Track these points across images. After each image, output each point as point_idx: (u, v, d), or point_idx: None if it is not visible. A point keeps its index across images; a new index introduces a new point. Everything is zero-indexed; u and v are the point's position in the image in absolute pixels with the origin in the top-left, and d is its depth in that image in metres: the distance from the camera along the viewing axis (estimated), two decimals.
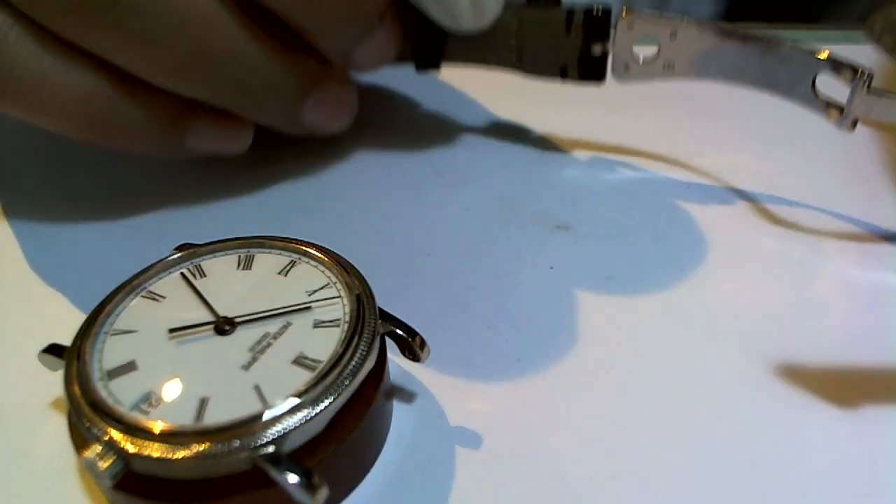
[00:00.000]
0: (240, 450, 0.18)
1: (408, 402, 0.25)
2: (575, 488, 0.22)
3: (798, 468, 0.22)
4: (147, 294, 0.24)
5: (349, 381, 0.21)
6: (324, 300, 0.23)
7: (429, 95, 0.45)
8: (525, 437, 0.24)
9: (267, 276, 0.25)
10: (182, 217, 0.35)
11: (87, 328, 0.22)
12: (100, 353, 0.21)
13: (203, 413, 0.19)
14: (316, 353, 0.21)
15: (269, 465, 0.18)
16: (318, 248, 0.25)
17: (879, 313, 0.29)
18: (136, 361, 0.21)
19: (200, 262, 0.25)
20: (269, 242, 0.26)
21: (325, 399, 0.20)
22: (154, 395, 0.20)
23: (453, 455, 0.23)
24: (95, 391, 0.20)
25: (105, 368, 0.21)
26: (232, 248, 0.26)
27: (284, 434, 0.19)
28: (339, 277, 0.24)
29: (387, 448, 0.23)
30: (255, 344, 0.22)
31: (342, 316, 0.23)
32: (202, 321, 0.23)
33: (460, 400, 0.25)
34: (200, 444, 0.18)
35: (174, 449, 0.18)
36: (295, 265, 0.25)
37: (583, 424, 0.24)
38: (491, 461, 0.23)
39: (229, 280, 0.24)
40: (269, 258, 0.25)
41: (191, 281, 0.24)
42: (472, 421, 0.24)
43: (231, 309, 0.23)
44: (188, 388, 0.20)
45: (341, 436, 0.21)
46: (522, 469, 0.23)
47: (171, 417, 0.19)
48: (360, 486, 0.22)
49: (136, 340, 0.22)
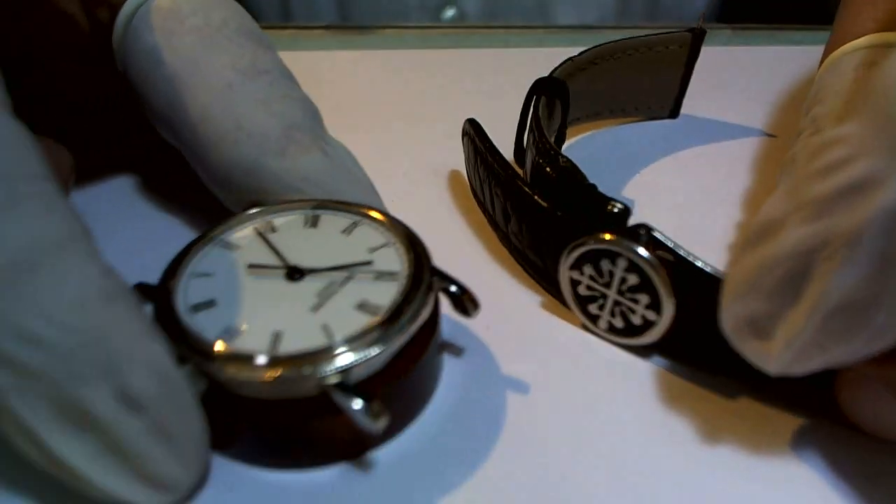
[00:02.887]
0: (310, 377, 0.21)
1: (458, 355, 0.27)
2: (621, 449, 0.24)
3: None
4: (224, 243, 0.26)
5: (406, 327, 0.23)
6: (384, 257, 0.25)
7: None
8: (569, 393, 0.26)
9: (332, 235, 0.27)
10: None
11: (172, 270, 0.25)
12: (184, 292, 0.24)
13: (277, 345, 0.22)
14: (377, 301, 0.23)
15: (336, 393, 0.21)
16: (379, 211, 0.27)
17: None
18: (215, 300, 0.23)
19: (272, 219, 0.27)
20: (333, 205, 0.28)
21: (385, 340, 0.22)
22: (232, 328, 0.22)
23: (503, 404, 0.25)
24: (182, 322, 0.22)
25: (189, 304, 0.23)
26: (300, 208, 0.28)
27: (349, 367, 0.21)
28: (398, 238, 0.26)
29: (438, 394, 0.25)
30: (322, 290, 0.24)
31: (401, 270, 0.25)
32: (275, 264, 0.25)
33: (509, 356, 0.27)
34: (276, 371, 0.21)
35: (251, 373, 0.21)
36: (357, 226, 0.27)
37: (626, 381, 0.26)
38: (536, 414, 0.25)
39: (297, 236, 0.27)
40: (334, 219, 0.28)
41: (263, 234, 0.27)
42: (521, 374, 0.26)
43: (299, 260, 0.25)
44: (263, 324, 0.22)
45: (398, 375, 0.23)
46: (561, 423, 0.24)
47: (249, 346, 0.21)
48: (413, 425, 0.24)
49: (215, 282, 0.24)
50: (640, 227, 0.25)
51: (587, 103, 0.42)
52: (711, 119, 0.45)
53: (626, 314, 0.26)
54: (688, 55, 0.42)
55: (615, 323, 0.27)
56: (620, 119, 0.45)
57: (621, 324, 0.26)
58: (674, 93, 0.45)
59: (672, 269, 0.24)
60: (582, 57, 0.39)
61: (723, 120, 0.45)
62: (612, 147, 0.42)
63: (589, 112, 0.43)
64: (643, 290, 0.25)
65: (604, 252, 0.25)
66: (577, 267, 0.27)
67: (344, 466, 0.23)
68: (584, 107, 0.42)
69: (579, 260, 0.26)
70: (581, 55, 0.39)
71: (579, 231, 0.26)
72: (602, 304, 0.27)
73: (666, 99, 0.45)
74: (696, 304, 0.24)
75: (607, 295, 0.26)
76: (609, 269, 0.25)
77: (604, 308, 0.27)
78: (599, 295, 0.27)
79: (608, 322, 0.27)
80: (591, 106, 0.43)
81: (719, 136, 0.44)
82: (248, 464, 0.23)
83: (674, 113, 0.46)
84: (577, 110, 0.39)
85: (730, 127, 0.45)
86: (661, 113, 0.46)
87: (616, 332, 0.27)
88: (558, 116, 0.38)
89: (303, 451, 0.23)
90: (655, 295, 0.25)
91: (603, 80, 0.41)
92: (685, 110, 0.45)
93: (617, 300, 0.26)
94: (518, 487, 0.22)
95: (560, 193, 0.28)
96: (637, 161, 0.41)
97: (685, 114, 0.45)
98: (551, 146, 0.30)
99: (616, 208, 0.25)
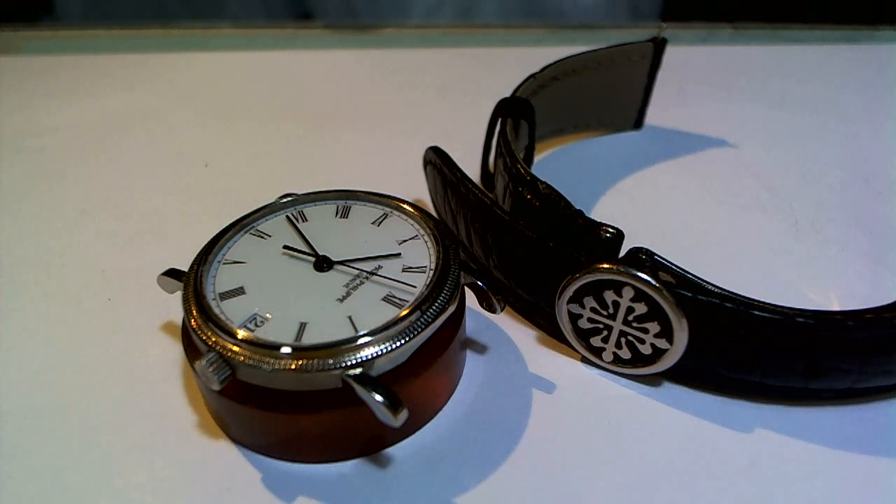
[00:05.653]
0: (332, 367, 0.21)
1: (482, 352, 0.27)
2: (645, 460, 0.23)
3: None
4: (255, 232, 0.26)
5: (432, 321, 0.22)
6: (413, 250, 0.25)
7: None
8: (590, 393, 0.25)
9: (362, 225, 0.27)
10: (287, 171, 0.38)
11: (203, 256, 0.25)
12: (214, 278, 0.24)
13: (302, 335, 0.22)
14: (403, 294, 0.23)
15: (358, 384, 0.21)
16: (410, 203, 0.27)
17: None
18: (244, 287, 0.24)
19: (303, 209, 0.28)
20: (365, 196, 0.28)
21: (409, 333, 0.22)
22: (260, 317, 0.22)
23: (528, 403, 0.25)
24: (210, 309, 0.23)
25: (218, 291, 0.24)
26: (331, 199, 0.28)
27: (372, 358, 0.21)
28: (427, 231, 0.26)
29: (459, 389, 0.25)
30: (350, 281, 0.24)
31: (428, 264, 0.25)
32: (305, 254, 0.25)
33: (534, 355, 0.27)
34: (299, 360, 0.21)
35: (276, 362, 0.21)
36: (388, 217, 0.27)
37: (647, 396, 0.25)
38: (558, 417, 0.24)
39: (328, 226, 0.27)
40: (365, 209, 0.28)
41: (294, 223, 0.27)
42: (545, 372, 0.26)
43: (329, 250, 0.25)
44: (290, 313, 0.23)
45: (421, 369, 0.22)
46: (587, 422, 0.24)
47: (274, 335, 0.22)
48: (432, 421, 0.24)
49: (245, 270, 0.25)
50: (640, 251, 0.23)
51: (551, 120, 0.41)
52: (676, 130, 0.45)
53: (634, 344, 0.24)
54: (650, 65, 0.42)
55: (621, 354, 0.25)
56: (585, 133, 0.44)
57: (628, 355, 0.25)
58: (637, 104, 0.44)
59: (679, 294, 0.23)
60: (544, 73, 0.38)
61: (686, 130, 0.45)
62: (579, 163, 0.41)
63: (553, 129, 0.42)
64: (652, 318, 0.23)
65: (606, 283, 0.24)
66: (576, 300, 0.25)
67: (360, 461, 0.23)
68: (548, 124, 0.40)
69: (579, 292, 0.24)
70: (543, 71, 0.38)
71: (575, 261, 0.24)
72: (606, 336, 0.25)
73: (629, 110, 0.44)
74: (709, 327, 0.23)
75: (612, 326, 0.25)
76: (613, 300, 0.24)
77: (608, 340, 0.25)
78: (603, 327, 0.25)
79: (613, 354, 0.25)
80: (554, 122, 0.41)
81: (684, 145, 0.43)
82: (267, 455, 0.23)
83: (638, 124, 0.45)
84: (540, 127, 0.38)
85: (692, 137, 0.44)
86: (626, 125, 0.45)
87: (622, 363, 0.25)
88: (525, 136, 0.36)
89: (324, 444, 0.23)
90: (667, 323, 0.23)
91: (566, 96, 0.40)
92: (649, 120, 0.45)
93: (623, 330, 0.24)
94: (534, 491, 0.22)
95: (545, 222, 0.26)
96: (606, 176, 0.40)
97: (649, 124, 0.45)
98: (527, 171, 0.28)
99: (608, 233, 0.24)
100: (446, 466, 0.23)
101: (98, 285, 0.31)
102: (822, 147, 0.42)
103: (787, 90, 0.51)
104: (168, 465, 0.23)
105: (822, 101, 0.49)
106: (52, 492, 0.22)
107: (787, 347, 0.22)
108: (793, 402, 0.24)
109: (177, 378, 0.26)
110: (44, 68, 0.56)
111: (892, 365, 0.23)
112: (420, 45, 0.61)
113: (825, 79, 0.53)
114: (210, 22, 0.69)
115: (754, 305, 0.22)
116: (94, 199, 0.38)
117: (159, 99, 0.51)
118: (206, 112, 0.48)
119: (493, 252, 0.27)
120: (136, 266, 0.32)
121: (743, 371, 0.23)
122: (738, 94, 0.50)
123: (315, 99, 0.49)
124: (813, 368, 0.23)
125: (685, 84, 0.51)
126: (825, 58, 0.57)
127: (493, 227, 0.27)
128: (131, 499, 0.22)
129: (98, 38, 0.65)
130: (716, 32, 0.62)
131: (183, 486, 0.22)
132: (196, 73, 0.56)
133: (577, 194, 0.33)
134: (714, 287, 0.23)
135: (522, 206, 0.27)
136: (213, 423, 0.24)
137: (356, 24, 0.67)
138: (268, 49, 0.61)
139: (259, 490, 0.22)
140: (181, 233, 0.34)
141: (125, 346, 0.27)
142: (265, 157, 0.42)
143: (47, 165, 0.41)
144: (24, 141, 0.44)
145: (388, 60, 0.57)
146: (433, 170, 0.31)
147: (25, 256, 0.33)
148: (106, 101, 0.50)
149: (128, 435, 0.24)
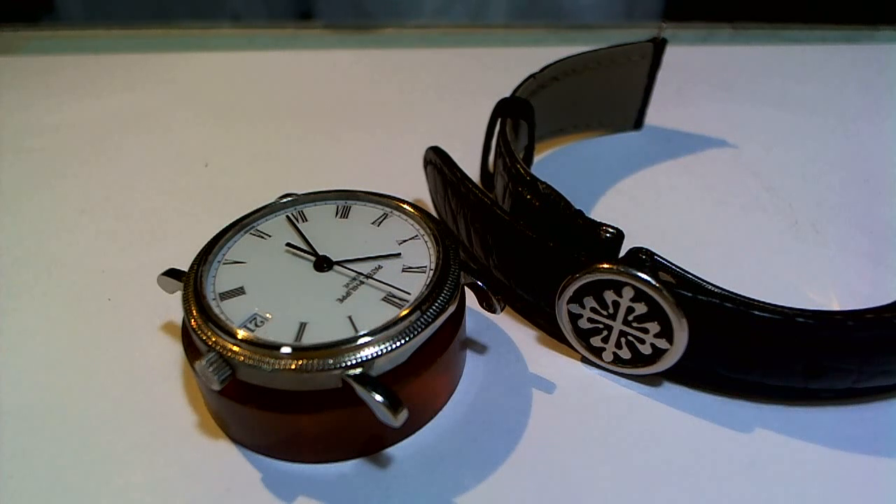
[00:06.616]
0: (332, 367, 0.21)
1: (482, 352, 0.27)
2: (645, 461, 0.23)
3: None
4: (255, 232, 0.26)
5: (432, 321, 0.22)
6: (413, 250, 0.25)
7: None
8: (591, 400, 0.25)
9: (362, 225, 0.27)
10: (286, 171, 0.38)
11: (203, 256, 0.25)
12: (214, 278, 0.24)
13: (302, 335, 0.22)
14: (403, 294, 0.23)
15: (358, 384, 0.21)
16: (410, 203, 0.27)
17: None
18: (244, 287, 0.24)
19: (303, 209, 0.28)
20: (365, 196, 0.28)
21: (409, 333, 0.22)
22: (260, 317, 0.22)
23: (528, 403, 0.25)
24: (210, 309, 0.23)
25: (218, 291, 0.24)
26: (332, 199, 0.28)
27: (372, 359, 0.21)
28: (427, 231, 0.26)
29: (459, 390, 0.25)
30: (350, 281, 0.24)
31: (428, 264, 0.25)
32: (305, 254, 0.25)
33: (534, 355, 0.27)
34: (299, 360, 0.21)
35: (276, 362, 0.21)
36: (388, 217, 0.27)
37: (648, 396, 0.25)
38: (558, 418, 0.24)
39: (328, 226, 0.27)
40: (365, 209, 0.28)
41: (294, 223, 0.27)
42: (545, 372, 0.26)
43: (329, 250, 0.25)
44: (290, 313, 0.23)
45: (421, 369, 0.22)
46: (586, 423, 0.24)
47: (274, 335, 0.22)
48: (432, 421, 0.24)
49: (245, 270, 0.25)
50: (640, 251, 0.23)
51: (550, 120, 0.40)
52: (676, 130, 0.45)
53: (634, 344, 0.24)
54: (650, 66, 0.41)
55: (621, 354, 0.25)
56: (584, 133, 0.44)
57: (628, 355, 0.25)
58: (637, 104, 0.44)
59: (679, 294, 0.23)
60: (544, 73, 0.38)
61: (685, 130, 0.45)
62: (579, 163, 0.41)
63: (553, 129, 0.42)
64: (652, 318, 0.23)
65: (607, 283, 0.24)
66: (576, 300, 0.25)
67: (360, 461, 0.23)
68: (548, 124, 0.40)
69: (579, 292, 0.24)
70: (543, 71, 0.38)
71: (575, 261, 0.24)
72: (606, 336, 0.25)
73: (629, 110, 0.44)
74: (709, 327, 0.23)
75: (612, 326, 0.25)
76: (613, 300, 0.24)
77: (608, 340, 0.25)
78: (603, 327, 0.25)
79: (613, 354, 0.25)
80: (554, 122, 0.41)
81: (684, 145, 0.43)
82: (267, 455, 0.23)
83: (638, 124, 0.45)
84: (540, 127, 0.38)
85: (692, 137, 0.44)
86: (626, 125, 0.45)
87: (622, 363, 0.25)
88: (524, 136, 0.36)
89: (324, 444, 0.23)
90: (667, 323, 0.23)
91: (566, 96, 0.40)
92: (649, 120, 0.45)
93: (623, 330, 0.24)
94: (534, 491, 0.22)
95: (545, 222, 0.26)
96: (606, 176, 0.40)
97: (649, 124, 0.45)
98: (527, 172, 0.28)
99: (608, 233, 0.24)
100: (446, 466, 0.23)
101: (98, 285, 0.31)
102: (822, 147, 0.42)
103: (787, 90, 0.51)
104: (168, 465, 0.23)
105: (822, 101, 0.49)
106: (52, 492, 0.22)
107: (787, 347, 0.22)
108: (793, 402, 0.25)
109: (177, 378, 0.26)
110: (44, 68, 0.56)
111: (892, 365, 0.23)
112: (420, 45, 0.61)
113: (825, 79, 0.53)
114: (210, 21, 0.69)
115: (754, 305, 0.22)
116: (94, 199, 0.38)
117: (159, 99, 0.51)
118: (206, 112, 0.48)
119: (493, 252, 0.27)
120: (136, 266, 0.32)
121: (743, 371, 0.23)
122: (737, 94, 0.50)
123: (315, 99, 0.49)
124: (813, 368, 0.23)
125: (685, 84, 0.51)
126: (825, 58, 0.57)
127: (493, 227, 0.27)
128: (131, 499, 0.22)
129: (98, 38, 0.65)
130: (716, 32, 0.62)
131: (183, 486, 0.22)
132: (196, 73, 0.56)
133: (577, 194, 0.33)
134: (714, 287, 0.23)
135: (522, 206, 0.27)
136: (213, 423, 0.24)
137: (356, 24, 0.67)
138: (268, 49, 0.61)
139: (259, 490, 0.22)
140: (181, 233, 0.34)
141: (125, 346, 0.27)
142: (265, 157, 0.42)
143: (47, 165, 0.41)
144: (24, 141, 0.44)
145: (388, 60, 0.57)
146: (433, 170, 0.31)
147: (25, 256, 0.33)
148: (106, 101, 0.50)
149: (128, 435, 0.24)
